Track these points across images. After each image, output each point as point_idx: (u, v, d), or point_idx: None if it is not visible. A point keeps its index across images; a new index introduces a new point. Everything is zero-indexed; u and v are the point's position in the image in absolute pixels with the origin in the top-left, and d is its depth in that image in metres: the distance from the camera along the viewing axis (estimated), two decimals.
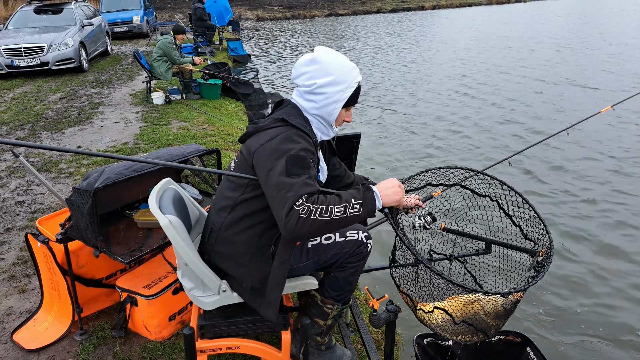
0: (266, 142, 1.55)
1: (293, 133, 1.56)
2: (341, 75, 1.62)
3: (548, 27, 19.47)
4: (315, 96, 1.64)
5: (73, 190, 2.18)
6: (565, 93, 9.01)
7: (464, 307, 1.69)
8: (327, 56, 1.64)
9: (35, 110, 7.36)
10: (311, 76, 1.63)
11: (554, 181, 5.29)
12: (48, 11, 11.00)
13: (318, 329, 1.87)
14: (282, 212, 1.39)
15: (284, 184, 1.42)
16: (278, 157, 1.48)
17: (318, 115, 1.67)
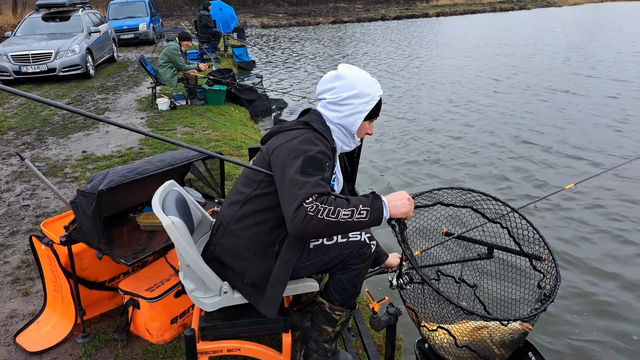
0: (287, 142, 1.61)
1: (313, 136, 1.63)
2: (365, 88, 1.71)
3: (562, 35, 19.48)
4: (341, 107, 1.72)
5: (77, 193, 2.20)
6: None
7: (471, 333, 1.64)
8: (351, 72, 1.74)
9: (41, 115, 7.43)
10: (337, 90, 1.72)
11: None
12: (56, 18, 11.14)
13: (326, 336, 1.86)
14: (291, 208, 1.41)
15: (297, 181, 1.45)
16: (296, 157, 1.53)
17: (340, 124, 1.74)
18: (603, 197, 5.10)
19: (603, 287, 3.65)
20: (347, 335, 2.37)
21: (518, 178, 5.69)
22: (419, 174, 6.00)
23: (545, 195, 2.65)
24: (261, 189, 1.69)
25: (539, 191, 5.26)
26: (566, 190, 2.49)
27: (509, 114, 8.49)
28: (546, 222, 4.58)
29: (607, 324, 3.28)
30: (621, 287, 3.65)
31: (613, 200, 5.06)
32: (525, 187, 5.44)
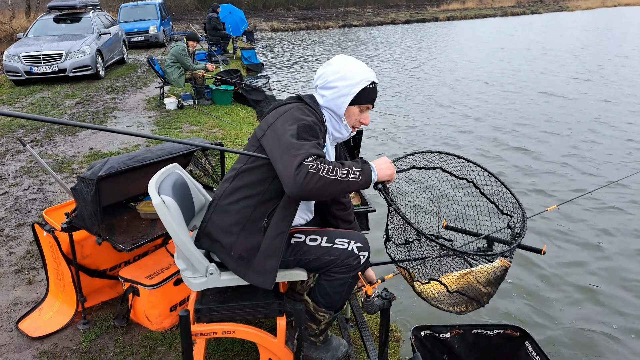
0: (280, 116, 1.65)
1: (305, 107, 1.68)
2: (351, 72, 1.72)
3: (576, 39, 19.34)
4: (327, 90, 1.74)
5: (78, 179, 2.23)
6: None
7: (459, 280, 1.72)
8: (341, 60, 1.77)
9: (51, 114, 7.54)
10: (325, 75, 1.76)
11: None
12: (67, 20, 11.32)
13: (311, 331, 1.86)
14: (292, 167, 1.43)
15: (294, 144, 1.49)
16: (291, 124, 1.58)
17: (328, 108, 1.76)
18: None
19: (599, 277, 3.64)
20: (345, 327, 2.37)
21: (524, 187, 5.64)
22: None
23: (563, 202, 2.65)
24: (250, 163, 1.72)
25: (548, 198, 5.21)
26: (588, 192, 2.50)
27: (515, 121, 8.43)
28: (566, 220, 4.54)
29: (601, 312, 3.27)
30: (617, 277, 3.64)
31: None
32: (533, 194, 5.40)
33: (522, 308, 3.28)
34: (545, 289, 3.50)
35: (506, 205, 1.83)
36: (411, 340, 1.95)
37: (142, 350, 2.38)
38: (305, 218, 1.90)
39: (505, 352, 1.98)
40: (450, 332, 2.00)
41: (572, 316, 3.23)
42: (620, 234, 4.33)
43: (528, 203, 4.97)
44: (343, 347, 1.92)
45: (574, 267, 3.82)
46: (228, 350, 2.33)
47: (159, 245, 2.86)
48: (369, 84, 1.73)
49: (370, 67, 1.78)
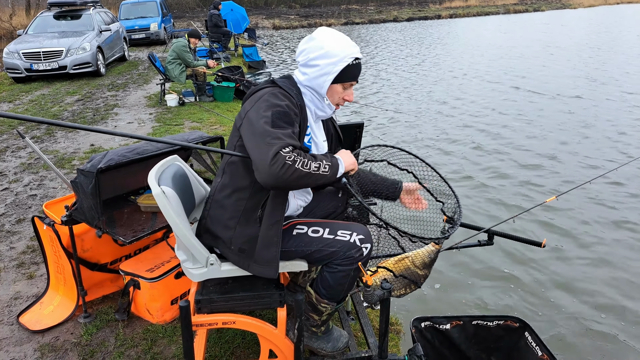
0: (256, 101, 1.62)
1: (279, 91, 1.63)
2: (334, 49, 1.66)
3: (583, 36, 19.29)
4: (308, 68, 1.70)
5: (77, 172, 2.23)
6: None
7: (397, 264, 1.78)
8: (323, 34, 1.70)
9: (51, 111, 7.54)
10: (306, 51, 1.70)
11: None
12: (67, 17, 11.31)
13: (313, 322, 1.86)
14: (268, 156, 1.43)
15: (269, 132, 1.48)
16: (265, 110, 1.55)
17: (310, 87, 1.72)
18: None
19: (599, 269, 3.65)
20: (346, 318, 2.37)
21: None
22: None
23: (525, 210, 2.65)
24: (233, 156, 1.70)
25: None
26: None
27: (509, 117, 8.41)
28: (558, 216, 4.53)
29: (601, 303, 3.27)
30: (616, 268, 3.64)
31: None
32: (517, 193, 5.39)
33: (521, 300, 3.29)
34: (545, 281, 3.51)
35: (444, 196, 1.95)
36: (411, 331, 1.94)
37: (143, 343, 2.38)
38: (304, 199, 1.89)
39: (505, 342, 1.97)
40: (450, 323, 2.00)
41: (572, 307, 3.23)
42: (620, 225, 4.33)
43: (527, 195, 4.97)
44: (344, 338, 1.92)
45: (573, 259, 3.82)
46: (229, 342, 2.33)
47: (160, 239, 2.87)
48: (353, 60, 1.68)
49: (354, 43, 1.71)
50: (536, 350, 1.81)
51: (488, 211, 4.69)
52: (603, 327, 3.04)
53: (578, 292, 3.40)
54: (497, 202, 4.89)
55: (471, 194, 5.08)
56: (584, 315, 3.15)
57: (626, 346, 2.88)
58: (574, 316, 3.14)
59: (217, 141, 2.76)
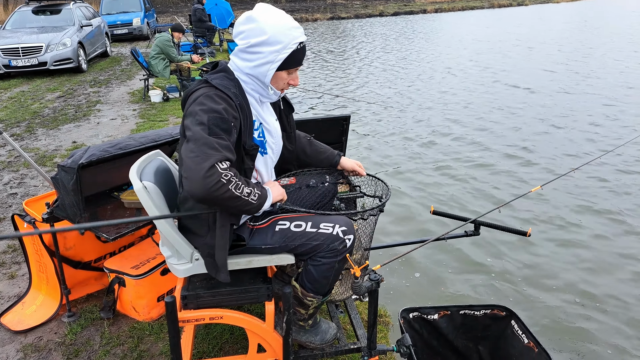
0: (192, 102, 1.54)
1: (214, 93, 1.53)
2: (277, 34, 1.55)
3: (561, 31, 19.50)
4: (250, 55, 1.59)
5: (58, 168, 2.17)
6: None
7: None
8: (264, 14, 1.57)
9: (32, 108, 7.38)
10: (247, 35, 1.58)
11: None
12: (46, 12, 11.05)
13: (300, 316, 1.85)
14: (202, 167, 1.36)
15: (206, 140, 1.41)
16: (200, 115, 1.47)
17: (252, 75, 1.62)
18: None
19: (583, 257, 3.72)
20: (334, 311, 2.36)
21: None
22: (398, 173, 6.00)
23: (511, 199, 2.69)
24: None
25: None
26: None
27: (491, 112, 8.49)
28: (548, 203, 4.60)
29: (586, 291, 3.33)
30: (601, 257, 3.72)
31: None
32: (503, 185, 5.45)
33: (508, 289, 3.33)
34: (531, 270, 3.55)
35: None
36: (400, 322, 1.95)
37: (129, 340, 2.34)
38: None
39: (492, 331, 1.99)
40: (438, 313, 2.01)
41: (557, 295, 3.28)
42: (605, 213, 4.41)
43: (512, 185, 5.02)
44: (332, 330, 1.92)
45: (558, 247, 3.88)
46: (217, 337, 2.31)
47: (145, 236, 2.83)
48: (298, 45, 1.58)
49: (297, 23, 1.60)
50: (522, 338, 1.83)
51: (474, 202, 4.73)
52: (586, 312, 3.10)
53: (562, 279, 3.46)
54: (482, 192, 4.94)
55: (457, 185, 5.12)
56: (568, 302, 3.21)
57: (608, 329, 2.94)
58: (560, 305, 3.19)
59: None
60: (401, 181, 5.29)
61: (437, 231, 4.05)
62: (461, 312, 2.01)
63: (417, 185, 5.20)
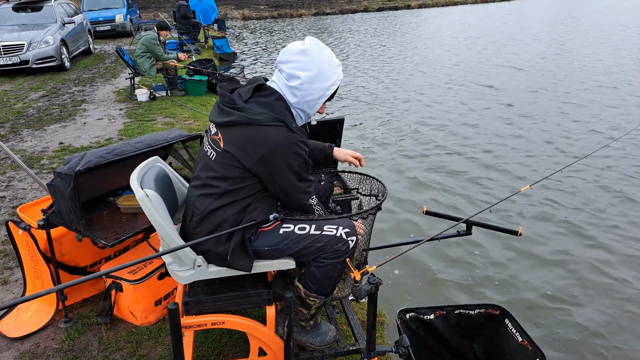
0: (274, 148, 1.61)
1: (298, 140, 1.64)
2: (325, 70, 1.68)
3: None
4: (299, 91, 1.69)
5: (54, 175, 2.17)
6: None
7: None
8: (317, 50, 1.68)
9: (15, 108, 7.24)
10: (298, 67, 1.67)
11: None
12: (27, 9, 10.80)
13: (302, 316, 1.89)
14: (299, 206, 1.76)
15: (298, 187, 1.70)
16: (290, 165, 1.64)
17: (300, 108, 1.74)
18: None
19: (574, 256, 3.82)
20: (332, 312, 2.40)
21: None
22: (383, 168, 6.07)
23: (501, 199, 2.75)
24: (236, 185, 1.68)
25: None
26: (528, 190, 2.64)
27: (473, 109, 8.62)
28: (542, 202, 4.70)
29: (577, 288, 3.43)
30: (591, 254, 3.82)
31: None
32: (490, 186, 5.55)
33: (500, 288, 3.41)
34: (522, 269, 3.64)
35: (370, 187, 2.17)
36: (397, 322, 2.00)
37: (127, 345, 2.35)
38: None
39: (487, 330, 2.06)
40: (434, 313, 2.07)
41: (549, 293, 3.37)
42: (593, 210, 4.53)
43: (502, 186, 5.13)
44: (332, 332, 1.95)
45: (549, 246, 3.98)
46: (216, 341, 2.34)
47: (140, 240, 2.83)
48: (340, 82, 1.75)
49: (339, 61, 1.75)
50: (516, 336, 1.90)
51: (465, 202, 4.81)
52: (578, 310, 3.20)
53: (554, 278, 3.55)
54: (474, 192, 5.02)
55: (448, 186, 5.20)
56: (562, 301, 3.29)
57: (601, 325, 3.04)
58: (553, 302, 3.28)
59: (197, 139, 2.73)
60: (392, 182, 5.36)
61: (428, 231, 4.13)
62: (456, 311, 2.07)
63: (408, 185, 5.27)
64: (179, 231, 1.84)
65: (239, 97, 1.70)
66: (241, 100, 1.68)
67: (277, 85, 1.73)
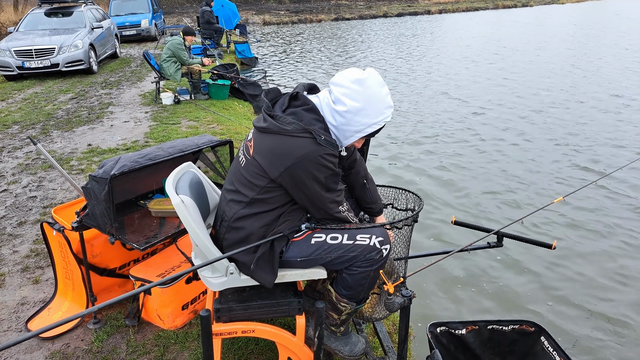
0: (299, 161, 1.57)
1: (325, 153, 1.59)
2: (374, 109, 1.62)
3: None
4: (341, 118, 1.63)
5: (89, 178, 2.20)
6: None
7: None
8: (373, 84, 1.61)
9: (45, 110, 7.44)
10: (347, 94, 1.60)
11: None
12: (58, 14, 11.13)
13: (332, 321, 1.87)
14: (328, 215, 1.72)
15: (325, 198, 1.66)
16: (316, 178, 1.61)
17: (336, 134, 1.68)
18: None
19: (614, 271, 3.68)
20: (358, 321, 2.38)
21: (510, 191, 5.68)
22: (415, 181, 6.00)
23: (534, 210, 2.67)
24: (263, 194, 1.67)
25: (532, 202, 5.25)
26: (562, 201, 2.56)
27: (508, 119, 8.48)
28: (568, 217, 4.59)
29: (619, 305, 3.30)
30: (633, 268, 3.67)
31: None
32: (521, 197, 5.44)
33: (537, 303, 3.28)
34: (559, 285, 3.50)
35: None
36: (428, 336, 1.96)
37: (155, 349, 2.37)
38: None
39: (521, 347, 2.00)
40: (465, 328, 2.02)
41: (589, 310, 3.23)
42: (630, 221, 4.36)
43: (532, 198, 5.01)
44: (361, 344, 1.93)
45: (585, 260, 3.82)
46: (243, 348, 2.33)
47: (169, 243, 2.85)
48: (384, 124, 1.67)
49: (391, 102, 1.66)
50: (553, 355, 1.84)
51: (496, 213, 4.70)
52: (626, 331, 3.04)
53: (594, 293, 3.38)
54: (505, 203, 4.90)
55: (479, 196, 5.11)
56: (602, 319, 3.13)
57: None
58: (592, 320, 3.11)
59: (226, 145, 2.75)
60: (418, 191, 5.30)
61: (460, 242, 4.05)
62: (489, 326, 2.02)
63: (437, 194, 5.19)
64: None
65: (280, 106, 1.69)
66: (280, 109, 1.68)
67: (319, 101, 1.69)
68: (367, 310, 1.97)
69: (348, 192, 2.05)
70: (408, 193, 2.07)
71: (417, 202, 1.96)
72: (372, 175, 2.08)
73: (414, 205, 2.01)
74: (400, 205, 2.10)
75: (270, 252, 1.71)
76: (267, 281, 1.72)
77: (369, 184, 2.01)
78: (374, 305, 1.96)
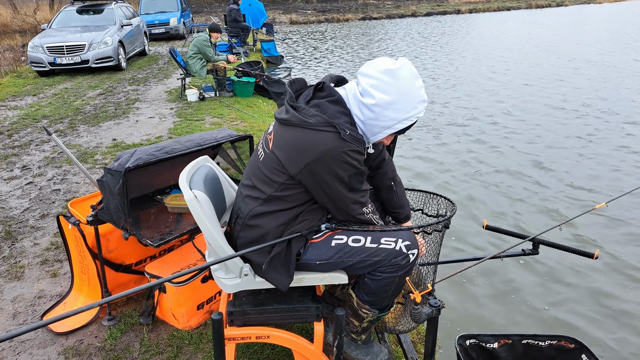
0: (321, 157, 1.45)
1: (349, 150, 1.45)
2: (407, 103, 1.47)
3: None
4: (369, 112, 1.49)
5: (104, 171, 2.14)
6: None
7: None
8: (406, 75, 1.46)
9: (74, 105, 7.56)
10: (377, 86, 1.46)
11: None
12: (90, 11, 11.36)
13: (353, 327, 1.75)
14: (351, 217, 1.60)
15: (348, 199, 1.55)
16: (339, 175, 1.48)
17: (363, 129, 1.55)
18: None
19: None
20: (380, 330, 2.24)
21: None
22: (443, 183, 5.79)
23: (574, 216, 2.47)
24: (281, 191, 1.55)
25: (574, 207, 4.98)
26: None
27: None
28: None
29: None
30: None
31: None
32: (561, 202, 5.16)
33: (577, 317, 3.04)
34: (601, 296, 3.25)
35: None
36: (456, 349, 1.81)
37: (168, 350, 2.29)
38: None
39: None
40: (498, 342, 1.86)
41: (634, 326, 3.00)
42: None
43: (575, 199, 4.72)
44: (384, 355, 1.80)
45: (631, 271, 3.55)
46: (258, 352, 2.23)
47: (186, 240, 2.78)
48: (416, 119, 1.52)
49: (425, 95, 1.50)
50: None
51: (532, 218, 4.44)
52: None
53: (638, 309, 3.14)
54: (541, 209, 4.65)
55: (514, 201, 4.86)
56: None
57: None
58: (636, 335, 2.90)
59: (246, 139, 2.66)
60: (449, 193, 5.10)
61: (493, 249, 3.84)
62: (523, 341, 1.85)
63: (467, 197, 4.98)
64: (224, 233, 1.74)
65: (304, 98, 1.57)
66: (304, 101, 1.55)
67: (346, 93, 1.55)
68: (391, 321, 1.82)
69: (373, 195, 1.90)
70: (439, 198, 1.91)
71: (450, 208, 1.80)
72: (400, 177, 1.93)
73: (445, 211, 1.85)
74: (431, 211, 1.94)
75: (286, 253, 1.59)
76: (282, 284, 1.60)
77: (396, 186, 1.86)
78: (398, 316, 1.81)
